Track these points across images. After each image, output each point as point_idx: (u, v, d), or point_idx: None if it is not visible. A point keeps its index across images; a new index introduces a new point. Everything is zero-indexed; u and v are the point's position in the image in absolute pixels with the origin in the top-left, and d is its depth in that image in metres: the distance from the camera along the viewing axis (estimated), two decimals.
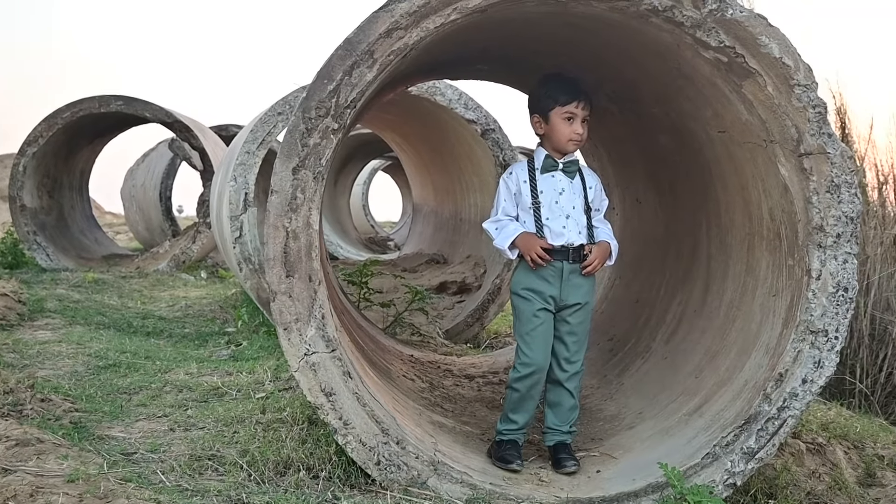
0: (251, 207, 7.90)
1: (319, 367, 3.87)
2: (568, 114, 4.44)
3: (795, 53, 3.97)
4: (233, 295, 10.82)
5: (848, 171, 4.01)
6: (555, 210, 4.40)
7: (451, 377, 6.21)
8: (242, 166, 8.01)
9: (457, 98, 8.02)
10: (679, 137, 5.11)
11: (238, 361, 6.58)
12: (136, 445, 4.30)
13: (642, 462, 4.30)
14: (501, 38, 4.94)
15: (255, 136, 8.12)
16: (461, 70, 6.35)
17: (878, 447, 5.07)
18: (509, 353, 6.99)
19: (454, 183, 10.30)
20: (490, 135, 8.02)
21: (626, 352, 5.74)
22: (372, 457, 3.90)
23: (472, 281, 8.68)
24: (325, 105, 3.83)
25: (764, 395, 4.08)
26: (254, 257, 7.81)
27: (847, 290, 4.05)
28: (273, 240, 3.83)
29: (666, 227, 5.83)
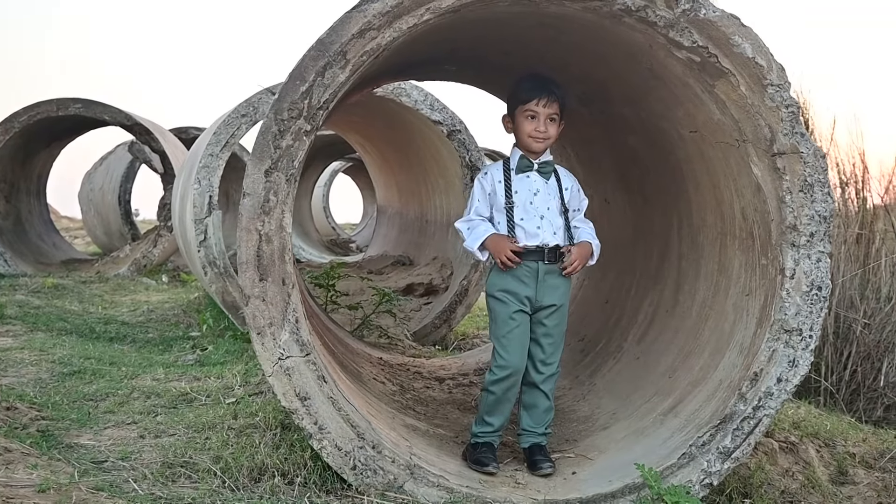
0: (216, 210, 7.83)
1: (294, 372, 3.83)
2: (529, 112, 4.43)
3: (768, 53, 3.98)
4: (195, 299, 10.72)
5: (821, 170, 4.02)
6: (529, 210, 4.38)
7: (421, 380, 6.18)
8: (206, 169, 7.94)
9: (423, 99, 7.99)
10: (649, 138, 5.11)
11: (205, 366, 6.50)
12: (106, 453, 4.23)
13: (618, 463, 4.29)
14: (472, 39, 4.92)
15: (219, 138, 8.06)
16: (429, 71, 6.32)
17: (848, 445, 5.09)
18: (478, 355, 6.98)
19: (419, 184, 10.26)
20: (456, 135, 8.00)
21: (597, 352, 5.74)
22: (348, 462, 3.86)
23: (439, 282, 8.65)
24: (298, 106, 3.79)
25: (739, 394, 4.08)
26: (219, 261, 7.74)
27: (821, 288, 4.07)
28: (246, 243, 3.78)
29: (635, 228, 5.83)
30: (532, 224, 4.36)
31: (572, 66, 5.08)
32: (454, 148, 8.06)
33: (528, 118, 4.44)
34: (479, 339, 8.58)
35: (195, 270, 8.85)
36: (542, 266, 4.36)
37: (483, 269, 8.09)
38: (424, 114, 7.97)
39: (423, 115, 7.98)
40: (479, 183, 4.49)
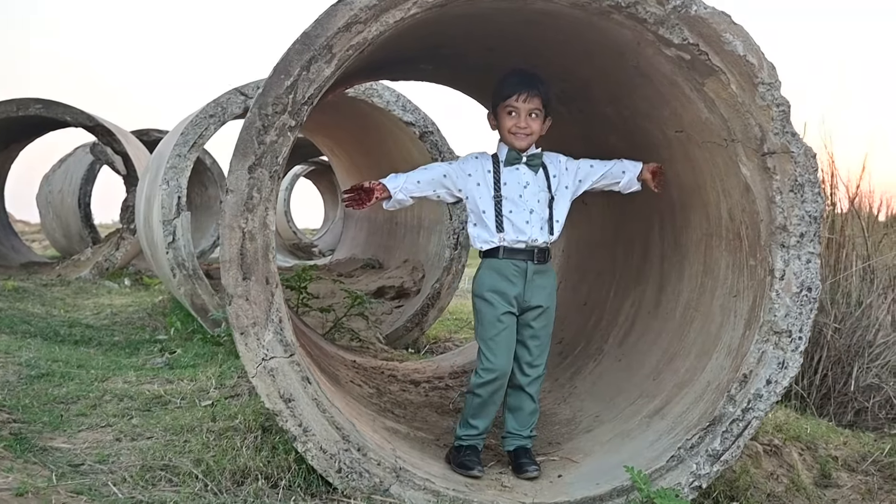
0: (184, 212, 7.70)
1: (278, 373, 3.74)
2: (509, 108, 4.39)
3: (759, 51, 3.94)
4: (160, 302, 10.57)
5: (811, 170, 3.99)
6: (519, 204, 4.32)
7: (396, 383, 6.10)
8: (174, 170, 7.81)
9: (395, 100, 7.91)
10: (631, 138, 5.06)
11: (175, 369, 6.38)
12: (82, 457, 4.11)
13: (604, 466, 4.23)
14: (455, 35, 4.86)
15: (186, 139, 7.94)
16: (405, 70, 6.23)
17: (830, 448, 5.07)
18: (452, 359, 6.91)
19: None
20: (429, 137, 7.93)
21: (576, 355, 5.68)
22: (333, 464, 3.78)
23: (410, 286, 8.57)
24: (283, 101, 3.70)
25: (728, 396, 4.04)
26: (188, 263, 7.62)
27: (811, 290, 4.03)
28: (229, 241, 3.69)
29: (615, 229, 5.79)
30: (521, 218, 4.30)
31: (554, 63, 5.01)
32: (426, 150, 7.98)
33: (508, 114, 4.39)
34: (452, 342, 8.50)
35: (162, 273, 8.72)
36: (531, 266, 4.30)
37: (456, 271, 8.03)
38: (397, 115, 7.89)
39: (396, 116, 7.90)
40: (465, 161, 4.46)
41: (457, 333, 9.01)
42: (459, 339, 8.62)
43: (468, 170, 4.39)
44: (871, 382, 6.89)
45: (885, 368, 7.06)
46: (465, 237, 8.02)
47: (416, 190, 4.36)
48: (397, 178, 4.35)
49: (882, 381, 6.94)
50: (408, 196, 4.35)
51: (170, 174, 7.78)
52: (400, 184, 4.33)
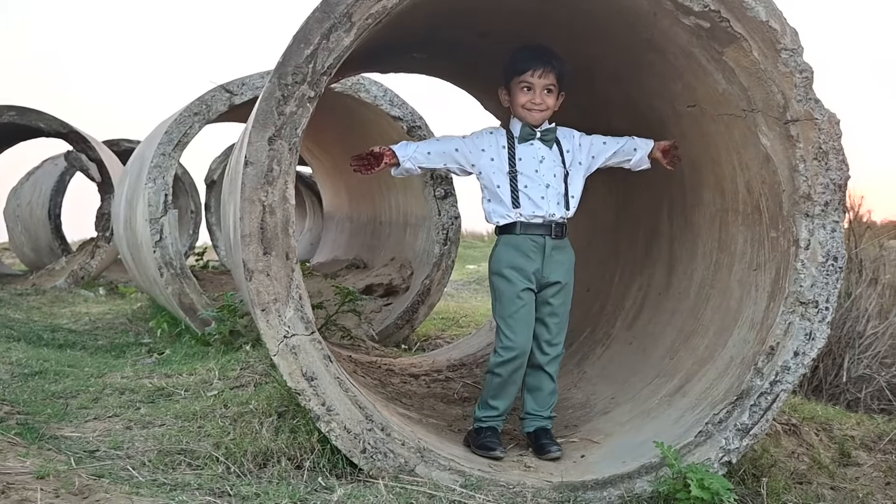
0: (171, 209, 7.55)
1: (300, 351, 3.62)
2: (525, 83, 4.31)
3: (782, 17, 3.87)
4: (139, 309, 10.39)
5: (836, 136, 3.92)
6: (535, 178, 4.24)
7: (395, 376, 5.98)
8: (159, 168, 7.65)
9: (382, 94, 7.80)
10: (636, 117, 4.98)
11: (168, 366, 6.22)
12: (95, 443, 3.95)
13: (628, 445, 4.14)
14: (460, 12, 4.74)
15: (171, 137, 7.78)
16: (397, 59, 6.13)
17: (845, 429, 5.02)
18: (448, 353, 6.81)
19: (371, 186, 10.05)
20: (416, 132, 7.81)
21: (581, 341, 5.59)
22: (357, 444, 3.65)
23: (399, 283, 8.44)
24: (302, 70, 3.59)
25: (755, 369, 3.95)
26: (175, 261, 7.45)
27: (837, 259, 3.96)
28: (249, 214, 3.56)
29: (617, 214, 5.71)
30: (537, 192, 4.22)
31: (556, 44, 4.92)
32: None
33: (523, 89, 4.31)
34: (442, 339, 8.38)
35: (145, 276, 8.53)
36: (549, 241, 4.22)
37: (446, 267, 7.92)
38: (384, 109, 7.78)
39: (383, 110, 7.78)
40: (479, 136, 4.37)
41: (446, 331, 8.90)
42: (450, 336, 8.51)
43: (482, 145, 4.30)
44: (863, 373, 6.88)
45: (875, 359, 7.04)
46: (454, 233, 7.91)
47: (426, 161, 4.28)
48: (408, 147, 4.27)
49: (873, 371, 6.91)
50: (416, 166, 4.28)
51: (154, 173, 7.62)
52: (410, 152, 4.25)
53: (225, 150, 15.79)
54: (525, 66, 4.31)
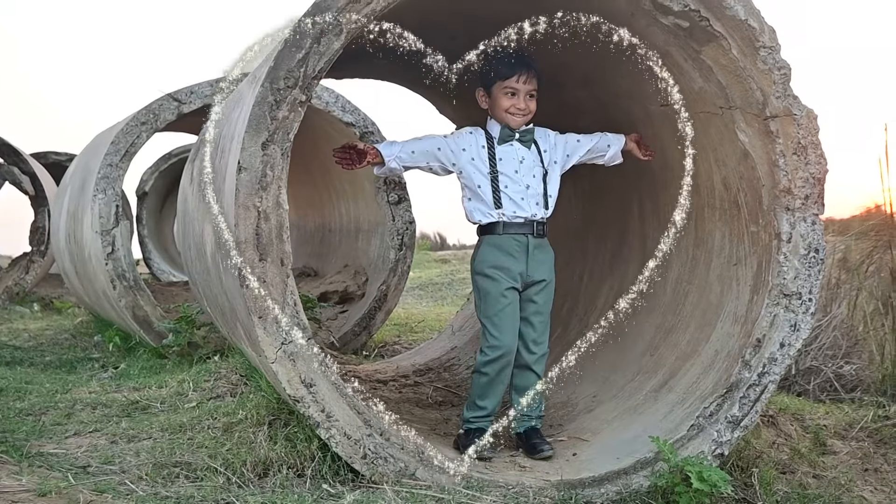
0: (124, 221, 7.43)
1: (298, 357, 3.59)
2: (510, 88, 4.37)
3: (759, 15, 3.95)
4: (80, 324, 10.20)
5: (814, 131, 4.01)
6: (515, 179, 4.31)
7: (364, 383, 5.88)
8: (106, 179, 7.53)
9: (334, 101, 7.75)
10: (606, 120, 5.02)
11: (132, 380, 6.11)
12: (85, 459, 3.88)
13: (618, 441, 4.18)
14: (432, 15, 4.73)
15: (118, 147, 7.65)
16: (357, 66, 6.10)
17: (816, 418, 5.11)
18: (411, 358, 6.80)
19: (321, 193, 9.98)
20: (369, 137, 7.78)
21: (553, 342, 5.58)
22: (357, 450, 3.63)
23: (354, 290, 8.39)
24: (294, 75, 3.57)
25: (743, 361, 4.02)
26: (128, 273, 7.33)
27: (818, 251, 4.04)
28: (244, 221, 3.53)
29: (584, 216, 5.76)
30: (517, 194, 4.28)
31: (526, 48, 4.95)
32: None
33: (507, 94, 4.37)
34: (400, 345, 8.36)
35: (92, 289, 8.37)
36: (532, 239, 4.27)
37: (402, 272, 7.90)
38: (336, 115, 7.73)
39: (335, 116, 7.73)
40: (459, 136, 4.41)
41: (402, 337, 8.89)
42: (407, 342, 8.50)
43: (462, 144, 4.34)
44: (811, 365, 6.99)
45: (821, 351, 7.17)
46: (409, 238, 7.89)
47: (410, 160, 4.31)
48: (393, 146, 4.29)
49: (820, 363, 7.04)
50: (401, 165, 4.32)
51: (102, 184, 7.49)
52: (395, 152, 4.27)
53: (157, 161, 15.57)
54: (511, 72, 4.36)
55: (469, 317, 6.94)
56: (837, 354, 7.20)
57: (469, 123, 4.82)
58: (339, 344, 7.68)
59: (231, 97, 4.87)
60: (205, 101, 7.65)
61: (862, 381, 6.63)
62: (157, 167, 15.64)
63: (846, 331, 7.35)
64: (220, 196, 3.86)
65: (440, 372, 6.20)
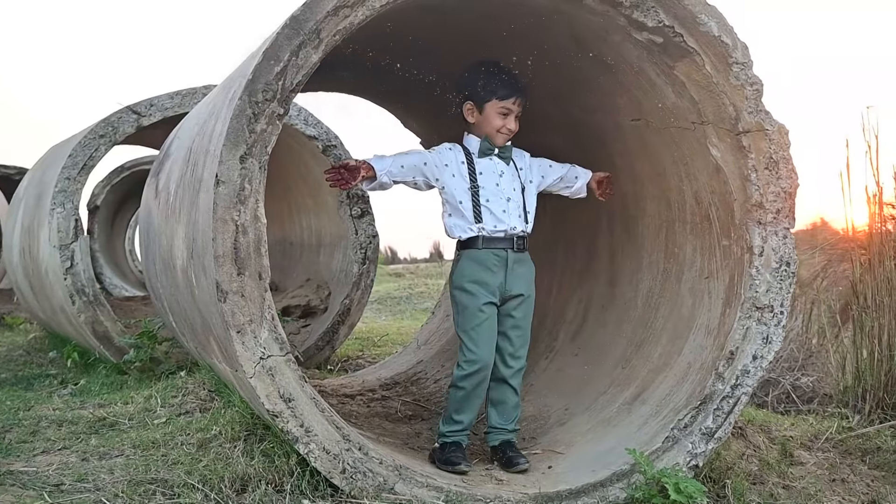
0: (83, 235, 7.34)
1: (277, 372, 3.57)
2: (505, 109, 4.40)
3: (733, 32, 4.00)
4: (34, 339, 10.05)
5: (785, 146, 4.06)
6: (496, 193, 4.34)
7: (331, 398, 5.92)
8: (64, 193, 7.44)
9: (296, 114, 7.72)
10: (575, 134, 5.07)
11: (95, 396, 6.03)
12: (57, 477, 3.82)
13: (593, 454, 4.20)
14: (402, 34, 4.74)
15: (75, 160, 7.56)
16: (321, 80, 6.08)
17: (782, 430, 5.16)
18: (377, 372, 6.79)
19: (281, 207, 9.92)
20: (332, 151, 7.76)
21: None
22: (336, 465, 3.61)
23: (317, 304, 8.36)
24: (273, 88, 3.55)
25: (717, 374, 4.06)
26: (88, 288, 7.25)
27: (789, 264, 4.09)
28: (222, 234, 3.51)
29: (553, 229, 5.78)
30: (498, 206, 4.32)
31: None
32: (330, 164, 7.80)
33: (500, 114, 4.40)
34: (363, 359, 8.33)
35: (49, 304, 8.26)
36: (511, 254, 4.28)
37: (365, 286, 7.88)
38: (299, 129, 7.69)
39: (297, 130, 7.69)
40: (441, 152, 4.42)
41: (365, 351, 8.86)
42: (370, 356, 8.47)
43: (444, 160, 4.36)
44: (769, 377, 7.06)
45: (779, 363, 7.25)
46: (372, 252, 7.87)
47: (400, 175, 4.32)
48: (384, 160, 4.28)
49: (778, 374, 7.12)
50: (391, 180, 4.32)
51: (59, 198, 7.40)
52: (386, 166, 4.27)
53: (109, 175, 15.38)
54: (509, 94, 4.40)
55: (434, 330, 6.95)
56: (794, 366, 7.30)
57: (434, 137, 4.85)
58: (303, 358, 7.63)
59: (200, 109, 4.84)
60: (165, 114, 7.58)
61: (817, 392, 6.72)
62: (109, 181, 15.44)
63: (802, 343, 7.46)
64: (194, 210, 3.83)
65: (407, 386, 6.18)
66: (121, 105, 7.70)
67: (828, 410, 5.92)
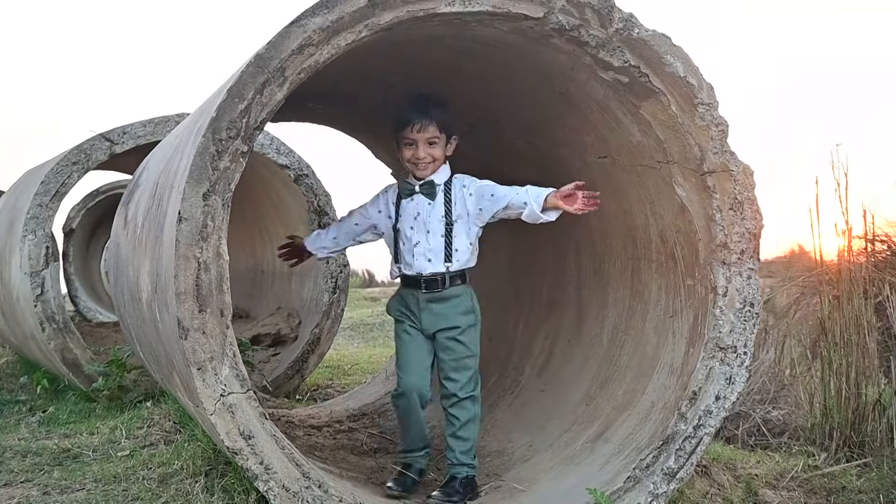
0: (53, 262, 7.31)
1: (237, 409, 3.54)
2: (406, 139, 4.35)
3: (698, 72, 4.00)
4: (6, 364, 9.94)
5: (750, 187, 4.07)
6: (409, 235, 4.34)
7: (298, 428, 5.89)
8: (36, 220, 7.41)
9: (269, 143, 7.72)
10: (545, 168, 5.07)
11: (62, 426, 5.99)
12: None
13: (556, 491, 4.18)
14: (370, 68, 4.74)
15: (48, 187, 7.53)
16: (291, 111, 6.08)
17: (748, 468, 5.15)
18: (345, 402, 6.76)
19: (252, 235, 9.91)
20: (304, 180, 7.76)
21: (489, 388, 5.62)
22: (296, 503, 3.59)
23: (287, 332, 8.33)
24: (236, 126, 3.54)
25: (679, 414, 4.05)
26: (58, 315, 7.21)
27: (753, 305, 4.09)
28: (184, 271, 3.48)
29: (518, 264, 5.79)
30: (408, 251, 4.35)
31: (465, 96, 4.97)
32: (301, 193, 7.80)
33: (406, 145, 4.36)
34: (332, 388, 8.29)
35: (20, 330, 8.21)
36: (421, 294, 4.33)
37: (335, 315, 7.87)
38: (271, 157, 7.69)
39: (269, 158, 7.70)
40: (375, 200, 4.52)
41: (335, 380, 8.83)
42: (340, 385, 8.44)
43: (378, 206, 4.48)
44: (739, 410, 7.05)
45: (750, 396, 7.25)
46: (343, 281, 7.87)
47: (335, 246, 4.61)
48: (318, 238, 4.60)
49: (748, 408, 7.11)
50: (330, 252, 4.63)
51: (31, 224, 7.37)
52: (320, 243, 4.59)
53: (84, 198, 15.33)
54: (405, 122, 4.33)
55: None
56: (765, 399, 7.29)
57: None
58: (272, 387, 7.62)
59: (168, 142, 4.83)
60: (137, 142, 7.57)
61: (788, 425, 6.72)
62: (84, 204, 15.40)
63: (773, 376, 7.46)
64: (158, 245, 3.82)
65: (374, 417, 6.16)
66: (94, 132, 7.69)
67: (795, 447, 5.92)
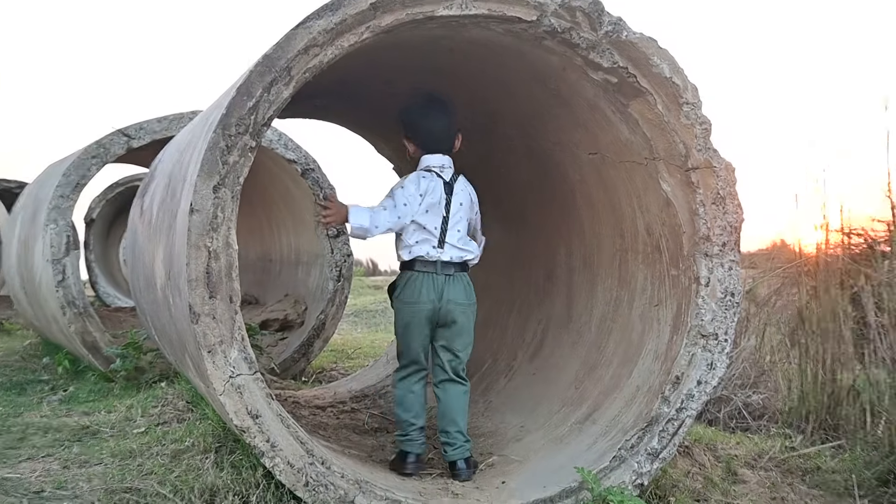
0: (74, 250, 7.32)
1: (245, 390, 3.54)
2: None
3: (683, 74, 4.00)
4: (31, 346, 10.01)
5: (732, 183, 4.07)
6: None
7: (303, 408, 5.90)
8: (58, 210, 7.42)
9: (277, 138, 7.73)
10: (536, 164, 5.08)
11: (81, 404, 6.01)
12: (38, 484, 3.79)
13: (545, 470, 4.18)
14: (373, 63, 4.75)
15: (69, 179, 7.54)
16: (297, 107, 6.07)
17: (728, 448, 5.17)
18: (348, 384, 6.77)
19: (262, 225, 9.93)
20: (310, 174, 7.77)
21: (483, 372, 5.63)
22: (300, 478, 3.59)
23: (294, 318, 8.36)
24: (245, 122, 3.54)
25: (663, 397, 4.05)
26: (78, 300, 7.22)
27: (734, 294, 4.09)
28: (195, 260, 3.48)
29: (513, 254, 5.78)
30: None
31: (461, 95, 4.97)
32: (308, 186, 7.81)
33: None
34: (337, 371, 8.30)
35: (43, 313, 8.23)
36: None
37: (340, 302, 7.88)
38: (279, 153, 7.70)
39: (278, 154, 7.71)
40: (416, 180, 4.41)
41: (339, 363, 8.84)
42: (343, 368, 8.45)
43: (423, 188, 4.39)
44: (722, 395, 7.06)
45: (731, 381, 7.25)
46: (347, 269, 7.88)
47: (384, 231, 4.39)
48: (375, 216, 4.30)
49: (730, 392, 7.12)
50: None
51: (53, 214, 7.39)
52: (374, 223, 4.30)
53: (104, 190, 15.35)
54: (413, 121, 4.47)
55: None
56: (746, 384, 7.29)
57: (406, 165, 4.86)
58: (279, 369, 7.63)
59: (181, 137, 4.84)
60: (153, 137, 7.58)
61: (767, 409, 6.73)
62: (104, 196, 15.41)
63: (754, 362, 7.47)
64: (171, 234, 3.83)
65: (375, 399, 6.17)
66: (113, 128, 7.71)
67: (773, 429, 5.93)
